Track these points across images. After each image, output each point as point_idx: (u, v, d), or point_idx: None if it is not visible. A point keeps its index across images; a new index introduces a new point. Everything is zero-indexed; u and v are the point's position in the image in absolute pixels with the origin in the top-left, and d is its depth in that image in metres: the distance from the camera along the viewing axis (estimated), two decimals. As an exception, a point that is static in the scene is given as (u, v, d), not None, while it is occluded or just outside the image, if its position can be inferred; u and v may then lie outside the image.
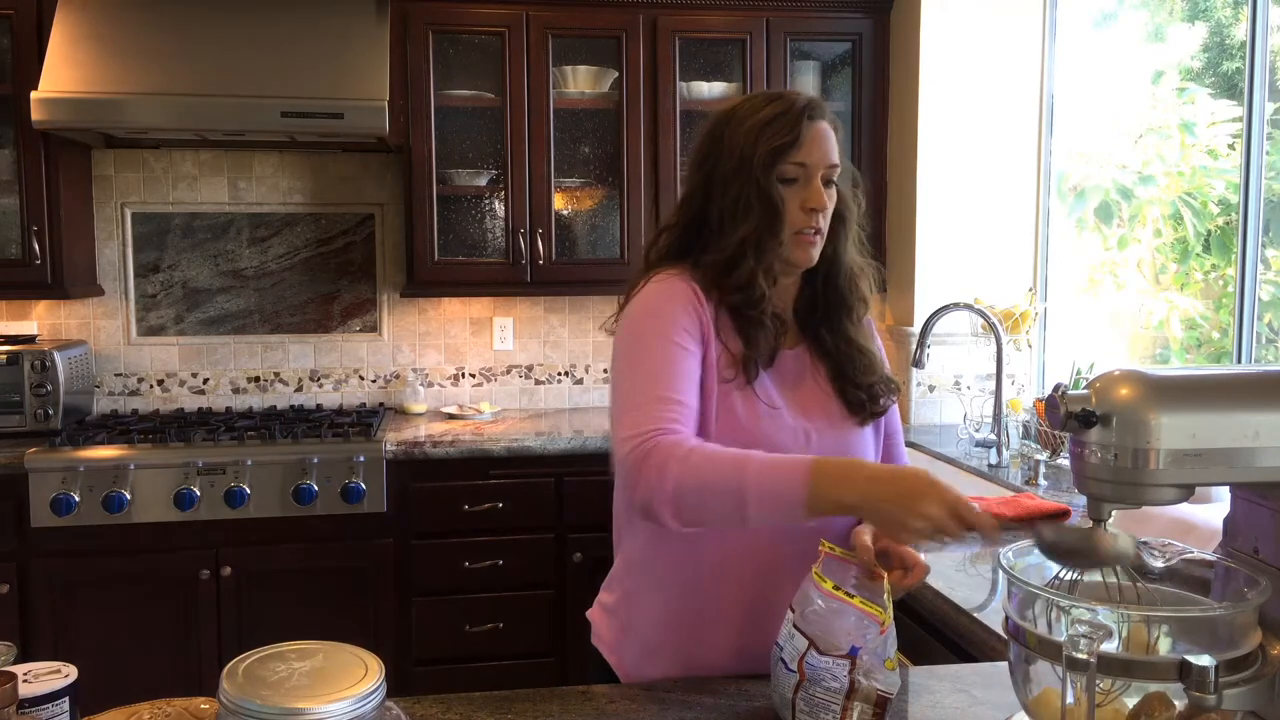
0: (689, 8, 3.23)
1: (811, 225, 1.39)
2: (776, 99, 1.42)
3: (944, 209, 3.27)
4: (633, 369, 1.36)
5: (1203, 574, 1.07)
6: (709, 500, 1.21)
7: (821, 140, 1.39)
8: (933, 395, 3.32)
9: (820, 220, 1.40)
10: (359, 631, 2.87)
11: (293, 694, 0.85)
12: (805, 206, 1.38)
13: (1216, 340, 2.78)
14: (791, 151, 1.38)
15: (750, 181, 1.38)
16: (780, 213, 1.38)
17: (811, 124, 1.39)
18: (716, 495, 1.21)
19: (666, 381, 1.32)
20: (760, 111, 1.40)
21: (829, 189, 1.41)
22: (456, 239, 3.37)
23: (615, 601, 1.51)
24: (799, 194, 1.39)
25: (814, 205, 1.38)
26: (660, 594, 1.43)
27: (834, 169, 1.41)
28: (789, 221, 1.39)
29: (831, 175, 1.41)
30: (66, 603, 2.76)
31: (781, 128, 1.38)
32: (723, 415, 1.37)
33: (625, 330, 1.41)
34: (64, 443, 2.82)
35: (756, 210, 1.38)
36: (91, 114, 2.81)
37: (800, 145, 1.38)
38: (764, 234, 1.39)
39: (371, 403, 3.52)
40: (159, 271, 3.39)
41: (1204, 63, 2.86)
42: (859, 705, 1.12)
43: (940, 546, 1.94)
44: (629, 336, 1.39)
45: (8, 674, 0.96)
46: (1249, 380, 1.02)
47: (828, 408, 1.45)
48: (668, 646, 1.43)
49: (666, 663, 1.42)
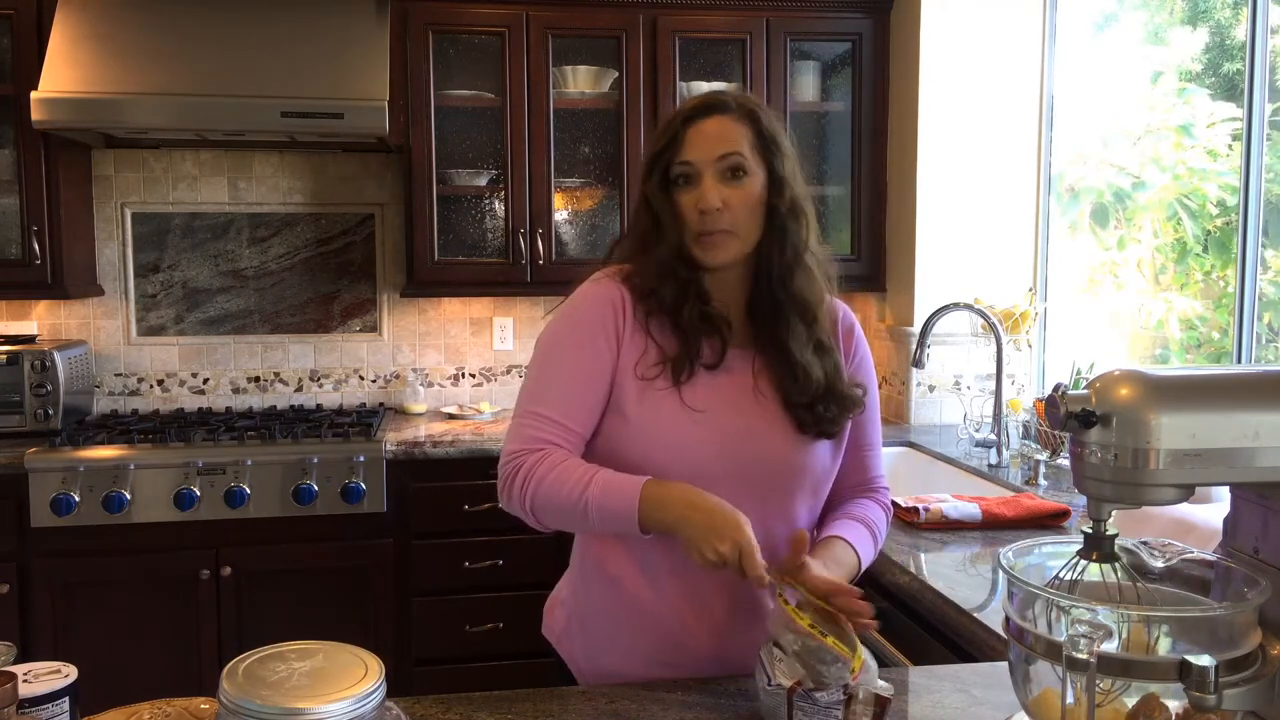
0: (689, 8, 3.23)
1: (705, 227, 1.36)
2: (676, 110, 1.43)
3: (944, 209, 3.27)
4: (532, 378, 1.42)
5: (1203, 574, 1.07)
6: (562, 517, 1.35)
7: (709, 135, 1.36)
8: (933, 395, 3.32)
9: (720, 219, 1.35)
10: (359, 631, 2.87)
11: (293, 694, 0.86)
12: (697, 208, 1.36)
13: (1216, 340, 2.78)
14: (670, 153, 1.38)
15: (642, 190, 1.41)
16: (661, 217, 1.38)
17: (696, 123, 1.37)
18: (566, 513, 1.34)
19: (552, 398, 1.38)
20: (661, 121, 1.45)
21: (736, 182, 1.36)
22: (456, 239, 3.37)
23: (564, 595, 1.55)
24: (693, 197, 1.37)
25: (702, 206, 1.35)
26: (595, 586, 1.46)
27: (728, 157, 1.35)
28: (687, 225, 1.37)
29: (730, 164, 1.35)
30: (66, 603, 2.76)
31: (661, 133, 1.40)
32: (644, 413, 1.37)
33: (543, 332, 1.45)
34: (64, 443, 2.82)
35: (643, 217, 1.40)
36: (91, 114, 2.81)
37: (680, 145, 1.37)
38: (651, 239, 1.39)
39: (371, 403, 3.52)
40: (159, 271, 3.39)
41: (1204, 64, 2.86)
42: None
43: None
44: (542, 341, 1.44)
45: (8, 674, 0.96)
46: (1249, 380, 1.02)
47: (770, 417, 1.40)
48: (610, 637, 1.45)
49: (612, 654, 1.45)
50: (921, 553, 1.93)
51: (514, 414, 1.42)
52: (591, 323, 1.40)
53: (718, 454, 1.37)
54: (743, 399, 1.40)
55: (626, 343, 1.39)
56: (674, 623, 1.41)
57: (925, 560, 1.89)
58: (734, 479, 1.37)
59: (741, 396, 1.41)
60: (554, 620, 1.54)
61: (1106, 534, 1.01)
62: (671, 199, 1.39)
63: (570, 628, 1.50)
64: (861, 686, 1.12)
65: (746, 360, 1.42)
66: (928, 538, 2.03)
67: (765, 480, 1.40)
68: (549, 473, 1.33)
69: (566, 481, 1.32)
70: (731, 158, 1.36)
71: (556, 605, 1.55)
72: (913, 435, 3.12)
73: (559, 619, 1.53)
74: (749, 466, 1.39)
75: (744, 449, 1.38)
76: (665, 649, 1.42)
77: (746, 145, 1.37)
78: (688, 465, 1.35)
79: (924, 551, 1.94)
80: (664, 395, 1.37)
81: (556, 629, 1.53)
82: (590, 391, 1.39)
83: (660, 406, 1.37)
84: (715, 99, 1.39)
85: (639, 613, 1.42)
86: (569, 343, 1.40)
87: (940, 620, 1.66)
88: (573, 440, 1.38)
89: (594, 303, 1.41)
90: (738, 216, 1.37)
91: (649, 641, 1.42)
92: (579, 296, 1.44)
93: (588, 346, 1.39)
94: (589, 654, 1.48)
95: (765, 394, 1.41)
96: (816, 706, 1.13)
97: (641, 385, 1.38)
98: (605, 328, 1.39)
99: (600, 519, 1.30)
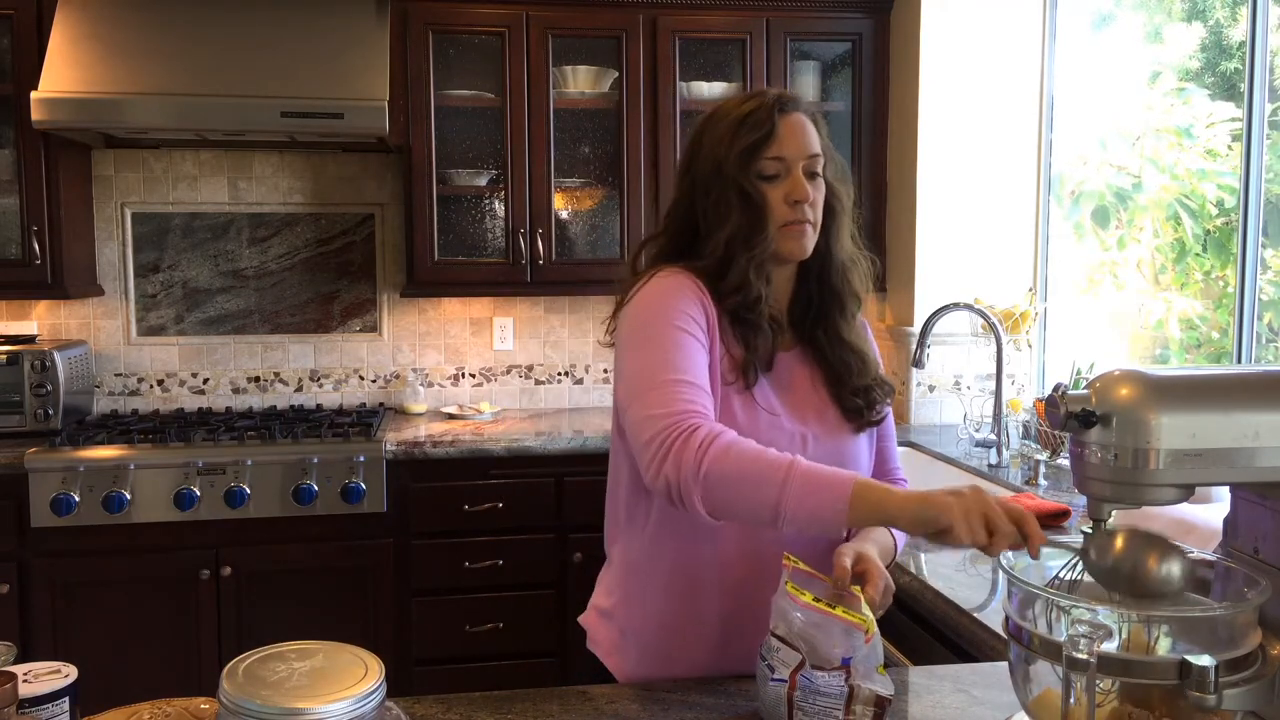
0: (689, 8, 3.23)
1: (798, 216, 1.37)
2: (750, 97, 1.41)
3: (944, 209, 3.27)
4: (645, 352, 1.31)
5: (1203, 574, 1.07)
6: (745, 494, 1.18)
7: (798, 132, 1.38)
8: (933, 395, 3.32)
9: (807, 211, 1.38)
10: (359, 631, 2.87)
11: (293, 694, 0.85)
12: (789, 199, 1.37)
13: (1216, 340, 2.78)
14: (766, 146, 1.37)
15: (729, 182, 1.38)
16: (762, 208, 1.37)
17: (784, 116, 1.38)
18: (753, 493, 1.17)
19: (684, 366, 1.28)
20: (733, 112, 1.39)
21: (814, 179, 1.39)
22: (456, 239, 3.37)
23: (613, 605, 1.48)
24: (781, 188, 1.37)
25: (797, 197, 1.36)
26: (660, 596, 1.42)
27: (815, 159, 1.39)
28: (774, 216, 1.37)
29: (814, 166, 1.39)
30: (66, 603, 2.76)
31: (754, 124, 1.37)
32: (723, 418, 1.35)
33: (631, 319, 1.37)
34: (64, 443, 2.82)
35: (737, 209, 1.37)
36: (91, 114, 2.81)
37: (774, 139, 1.37)
38: (749, 232, 1.37)
39: (371, 403, 3.52)
40: (159, 271, 3.39)
41: (1202, 63, 2.86)
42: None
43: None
44: (637, 325, 1.35)
45: (8, 674, 0.96)
46: (1249, 380, 1.02)
47: (823, 413, 1.43)
48: (668, 649, 1.42)
49: (666, 665, 1.42)
50: (921, 553, 1.93)
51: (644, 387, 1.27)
52: (690, 305, 1.35)
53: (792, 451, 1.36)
54: (801, 400, 1.42)
55: (716, 340, 1.37)
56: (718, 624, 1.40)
57: (925, 560, 1.89)
58: None
59: (800, 398, 1.42)
60: (601, 635, 1.49)
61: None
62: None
63: (622, 643, 1.46)
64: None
65: (793, 360, 1.45)
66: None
67: None
68: (734, 440, 1.20)
69: (761, 460, 1.18)
70: (816, 160, 1.39)
71: (600, 619, 1.50)
72: (913, 435, 3.12)
73: (607, 633, 1.48)
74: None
75: (811, 445, 1.40)
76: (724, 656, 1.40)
77: (819, 147, 1.40)
78: None
79: (924, 551, 1.94)
80: (743, 398, 1.37)
81: (604, 644, 1.48)
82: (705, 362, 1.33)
83: (740, 410, 1.36)
84: (789, 97, 1.40)
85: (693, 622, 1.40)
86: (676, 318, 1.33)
87: (940, 620, 1.66)
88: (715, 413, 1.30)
89: (686, 292, 1.36)
90: (816, 211, 1.40)
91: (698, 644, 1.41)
92: (669, 282, 1.37)
93: (694, 323, 1.34)
94: (641, 664, 1.44)
95: (821, 392, 1.44)
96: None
97: (725, 391, 1.37)
98: (698, 318, 1.35)
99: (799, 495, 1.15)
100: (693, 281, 1.38)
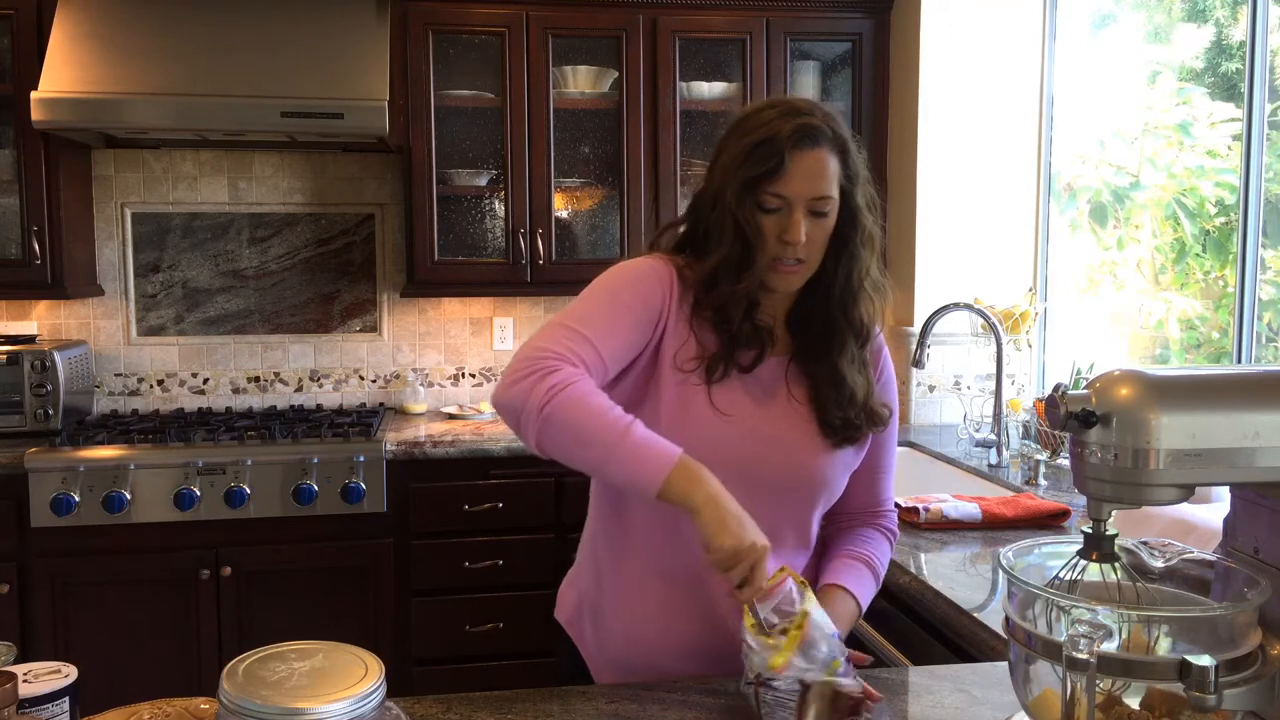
0: (689, 8, 3.23)
1: (787, 256, 1.35)
2: (774, 118, 1.35)
3: (944, 209, 3.27)
4: (578, 302, 1.37)
5: (1203, 574, 1.07)
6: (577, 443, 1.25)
7: (809, 172, 1.33)
8: (933, 395, 3.32)
9: (799, 252, 1.35)
10: (359, 631, 2.87)
11: (293, 694, 0.86)
12: (782, 238, 1.34)
13: (1216, 340, 2.78)
14: (770, 182, 1.33)
15: (726, 209, 1.36)
16: (754, 243, 1.35)
17: (800, 153, 1.32)
18: (587, 434, 1.24)
19: (592, 324, 1.33)
20: (753, 131, 1.35)
21: (819, 219, 1.35)
22: (456, 239, 3.37)
23: (582, 581, 1.53)
24: (779, 223, 1.34)
25: (789, 239, 1.33)
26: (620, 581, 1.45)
27: (823, 200, 1.34)
28: (766, 249, 1.35)
29: (821, 207, 1.34)
30: (66, 603, 2.76)
31: (762, 156, 1.33)
32: (674, 405, 1.37)
33: (601, 276, 1.41)
34: (64, 443, 2.82)
35: (730, 236, 1.36)
36: (91, 114, 2.81)
37: (781, 176, 1.33)
38: (738, 265, 1.36)
39: (371, 403, 3.52)
40: (159, 271, 3.39)
41: (1203, 63, 2.86)
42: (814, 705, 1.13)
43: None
44: (594, 283, 1.40)
45: (8, 674, 0.96)
46: (1249, 380, 1.02)
47: (799, 424, 1.41)
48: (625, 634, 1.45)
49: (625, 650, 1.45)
50: (921, 553, 1.93)
51: (548, 324, 1.34)
52: (646, 286, 1.38)
53: (742, 456, 1.37)
54: (773, 405, 1.41)
55: (671, 328, 1.38)
56: (684, 621, 1.42)
57: (925, 560, 1.89)
58: (754, 483, 1.37)
59: (772, 402, 1.41)
60: (566, 603, 1.54)
61: (1106, 534, 1.01)
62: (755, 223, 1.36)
63: (581, 614, 1.51)
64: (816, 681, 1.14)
65: (781, 367, 1.43)
66: (928, 538, 2.03)
67: (785, 487, 1.41)
68: (588, 393, 1.25)
69: (605, 409, 1.25)
70: (823, 201, 1.34)
71: (570, 588, 1.55)
72: (913, 435, 3.12)
73: (570, 602, 1.53)
74: (772, 472, 1.39)
75: (769, 454, 1.39)
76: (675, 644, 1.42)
77: (835, 183, 1.35)
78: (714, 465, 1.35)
79: (924, 551, 1.94)
80: (696, 391, 1.37)
81: (567, 613, 1.53)
82: (629, 339, 1.36)
83: (691, 402, 1.37)
84: (814, 126, 1.34)
85: (651, 609, 1.42)
86: (622, 290, 1.37)
87: (940, 620, 1.66)
88: (599, 375, 1.33)
89: (651, 273, 1.39)
90: (814, 249, 1.37)
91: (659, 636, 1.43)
92: (638, 261, 1.42)
93: (639, 302, 1.37)
94: (599, 642, 1.48)
95: (798, 401, 1.42)
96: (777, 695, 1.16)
97: (680, 377, 1.37)
98: (653, 299, 1.37)
99: (624, 461, 1.23)
100: (669, 272, 1.39)
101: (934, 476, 2.80)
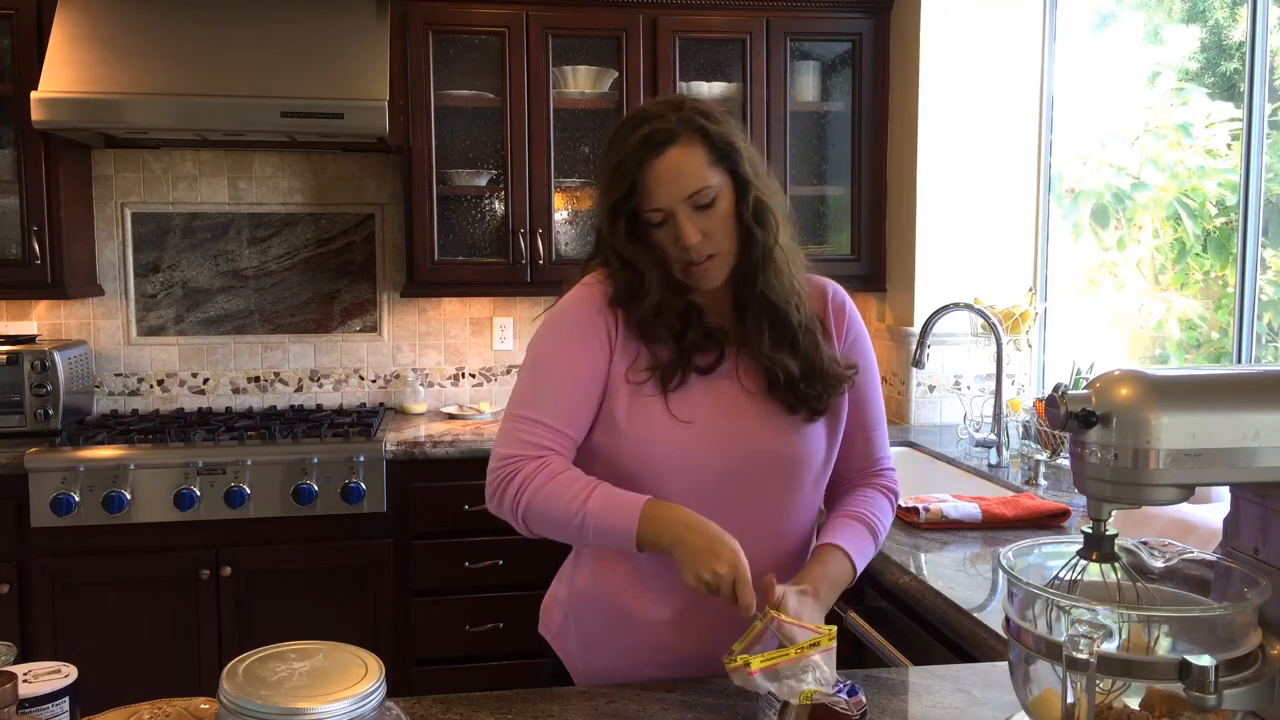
0: (689, 8, 3.23)
1: (691, 259, 1.34)
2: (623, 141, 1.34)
3: (944, 209, 3.27)
4: (524, 380, 1.40)
5: (1203, 574, 1.07)
6: (555, 529, 1.34)
7: (667, 176, 1.31)
8: (933, 395, 3.32)
9: (705, 248, 1.33)
10: (359, 631, 2.87)
11: (293, 694, 0.86)
12: (678, 244, 1.34)
13: (1216, 340, 2.78)
14: (636, 201, 1.33)
15: (605, 239, 1.38)
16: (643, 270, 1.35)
17: (652, 161, 1.31)
18: (560, 526, 1.32)
19: (545, 402, 1.36)
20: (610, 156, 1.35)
21: (708, 209, 1.33)
22: (456, 239, 3.37)
23: (562, 593, 1.53)
24: (670, 231, 1.34)
25: (684, 244, 1.33)
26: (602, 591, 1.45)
27: (699, 194, 1.32)
28: (673, 260, 1.35)
29: (700, 200, 1.32)
30: (66, 603, 2.76)
31: (619, 179, 1.33)
32: (635, 416, 1.37)
33: (534, 336, 1.43)
34: (64, 443, 2.82)
35: (616, 266, 1.38)
36: (91, 114, 2.81)
37: (642, 193, 1.32)
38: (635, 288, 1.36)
39: (371, 403, 3.52)
40: (159, 271, 3.39)
41: (1202, 63, 2.86)
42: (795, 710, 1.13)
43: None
44: (533, 345, 1.42)
45: (8, 674, 0.96)
46: (1249, 380, 1.02)
47: (760, 413, 1.40)
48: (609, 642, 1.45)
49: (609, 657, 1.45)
50: (921, 553, 1.93)
51: (504, 417, 1.39)
52: (584, 326, 1.38)
53: (713, 458, 1.37)
54: (732, 401, 1.40)
55: (619, 348, 1.38)
56: (667, 627, 1.41)
57: (925, 560, 1.89)
58: (733, 481, 1.37)
59: (730, 398, 1.40)
60: (550, 619, 1.54)
61: (1106, 534, 1.01)
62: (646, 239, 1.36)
63: (565, 627, 1.50)
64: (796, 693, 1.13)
65: (731, 360, 1.42)
66: (928, 538, 2.03)
67: (765, 478, 1.40)
68: (546, 483, 1.32)
69: (565, 494, 1.30)
70: (701, 194, 1.32)
71: (553, 604, 1.55)
72: (913, 435, 3.12)
73: (555, 618, 1.53)
74: (747, 466, 1.39)
75: (739, 449, 1.38)
76: (658, 651, 1.42)
77: (707, 168, 1.32)
78: (685, 471, 1.36)
79: (924, 551, 1.94)
80: (652, 401, 1.37)
81: (553, 628, 1.53)
82: (584, 395, 1.38)
83: (649, 413, 1.37)
84: (660, 129, 1.32)
85: (633, 617, 1.42)
86: (562, 345, 1.39)
87: (940, 620, 1.66)
88: (566, 445, 1.37)
89: (586, 306, 1.40)
90: (718, 240, 1.35)
91: (642, 643, 1.42)
92: (570, 299, 1.42)
93: (582, 349, 1.37)
94: (584, 653, 1.48)
95: (752, 390, 1.41)
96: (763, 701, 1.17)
97: (631, 389, 1.37)
98: (598, 331, 1.38)
99: (597, 534, 1.30)
100: (603, 295, 1.40)
101: (934, 476, 2.80)
